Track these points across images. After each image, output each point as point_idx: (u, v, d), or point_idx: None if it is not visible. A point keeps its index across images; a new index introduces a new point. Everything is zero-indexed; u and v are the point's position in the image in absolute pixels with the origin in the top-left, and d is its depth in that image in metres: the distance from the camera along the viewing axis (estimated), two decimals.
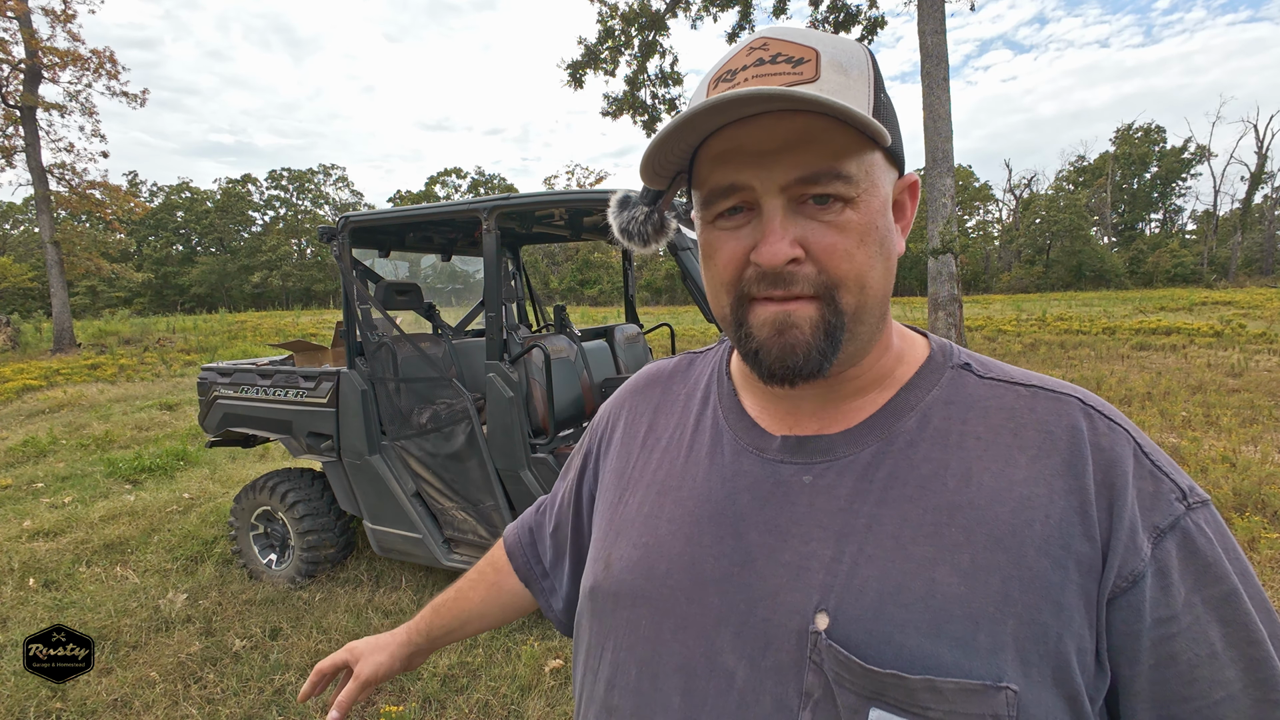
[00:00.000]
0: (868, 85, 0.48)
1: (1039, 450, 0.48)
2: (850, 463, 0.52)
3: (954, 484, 0.48)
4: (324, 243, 3.09)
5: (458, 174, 62.58)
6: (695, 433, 0.62)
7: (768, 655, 0.49)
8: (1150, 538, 0.45)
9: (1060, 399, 0.51)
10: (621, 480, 0.65)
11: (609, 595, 0.59)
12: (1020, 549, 0.45)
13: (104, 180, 17.24)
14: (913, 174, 0.54)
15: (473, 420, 2.84)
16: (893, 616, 0.45)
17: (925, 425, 0.52)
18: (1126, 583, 0.44)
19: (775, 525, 0.52)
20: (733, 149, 0.47)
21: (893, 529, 0.48)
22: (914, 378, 0.55)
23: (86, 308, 39.33)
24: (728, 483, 0.56)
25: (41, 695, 2.40)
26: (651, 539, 0.58)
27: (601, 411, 0.75)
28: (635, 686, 0.55)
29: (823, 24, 12.23)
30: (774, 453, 0.55)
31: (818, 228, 0.47)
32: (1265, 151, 43.37)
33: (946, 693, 0.42)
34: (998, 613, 0.44)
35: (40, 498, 4.91)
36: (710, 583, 0.53)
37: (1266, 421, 5.89)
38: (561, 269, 49.72)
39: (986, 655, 0.43)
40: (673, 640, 0.53)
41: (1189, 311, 17.93)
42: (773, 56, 0.47)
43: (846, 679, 0.45)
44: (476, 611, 0.82)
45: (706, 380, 0.66)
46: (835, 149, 0.46)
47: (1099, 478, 0.46)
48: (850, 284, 0.48)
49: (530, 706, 2.31)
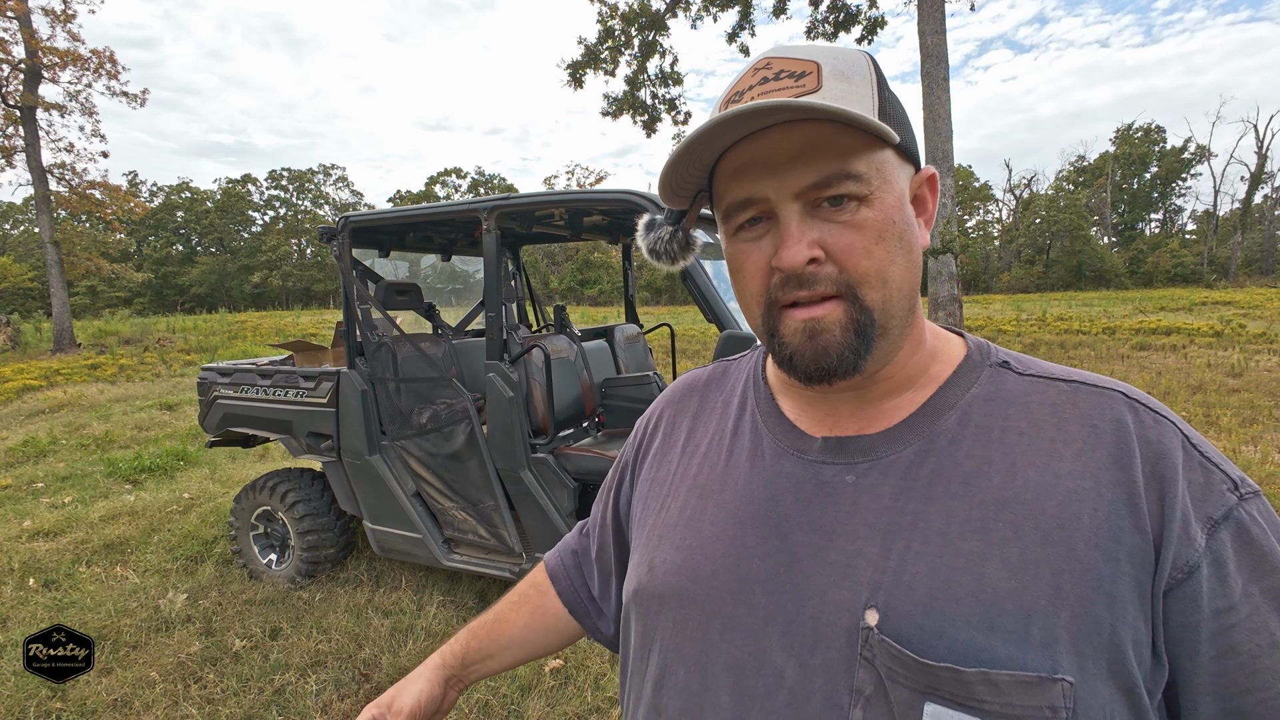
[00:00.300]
0: (871, 89, 0.49)
1: (1084, 444, 0.48)
2: (893, 462, 0.52)
3: (999, 479, 0.48)
4: (324, 243, 3.09)
5: (458, 174, 62.58)
6: (734, 437, 0.63)
7: (816, 653, 0.49)
8: (1204, 529, 0.45)
9: (1104, 393, 0.50)
10: (662, 487, 0.66)
11: (654, 598, 0.59)
12: (1070, 542, 0.45)
13: (104, 180, 17.22)
14: (929, 168, 0.55)
15: (473, 420, 2.84)
16: (944, 611, 0.45)
17: (966, 423, 0.52)
18: (1181, 574, 0.44)
19: (820, 525, 0.53)
20: (746, 162, 0.50)
21: (939, 525, 0.48)
22: (952, 376, 0.55)
23: (86, 308, 39.33)
24: (770, 485, 0.57)
25: (41, 695, 2.40)
26: (695, 541, 0.58)
27: (638, 424, 0.76)
28: (684, 686, 0.55)
29: (822, 24, 12.22)
30: (815, 454, 0.56)
31: (834, 229, 0.49)
32: (1265, 151, 43.40)
33: (1002, 685, 0.42)
34: (1050, 606, 0.44)
35: (40, 498, 4.91)
36: (756, 583, 0.53)
37: (1266, 421, 5.89)
38: (561, 269, 49.73)
39: (1040, 648, 0.43)
40: (720, 640, 0.54)
41: (1189, 311, 17.92)
42: (776, 74, 0.49)
43: (900, 674, 0.45)
44: (519, 637, 0.77)
45: (743, 386, 0.67)
46: (843, 151, 0.47)
47: (1147, 470, 0.46)
48: (872, 280, 0.49)
49: (530, 706, 2.31)
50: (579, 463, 2.75)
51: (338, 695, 2.41)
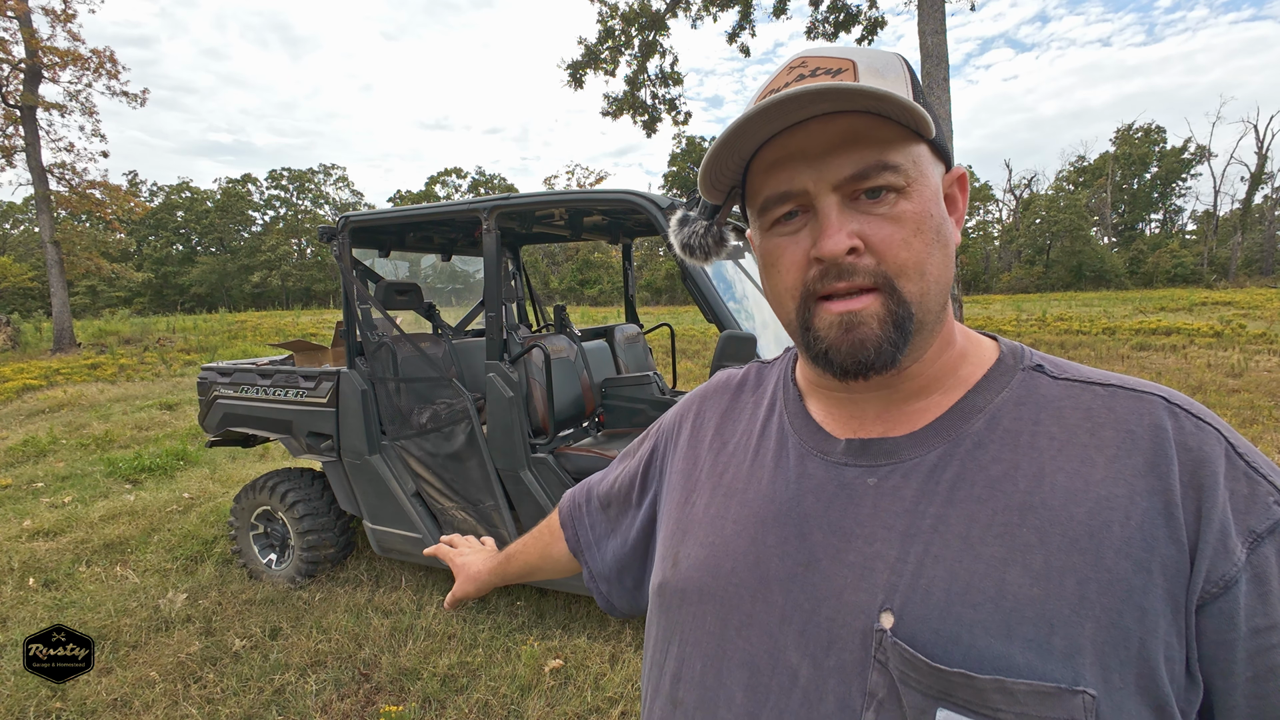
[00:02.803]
0: (906, 86, 0.50)
1: (1119, 450, 0.46)
2: (916, 465, 0.51)
3: (1025, 485, 0.47)
4: (324, 243, 3.09)
5: (458, 174, 62.57)
6: (761, 437, 0.63)
7: (831, 654, 0.49)
8: (1245, 542, 0.43)
9: (1142, 398, 0.49)
10: (688, 482, 0.66)
11: (676, 592, 0.60)
12: (1098, 551, 0.43)
13: (104, 180, 17.20)
14: (960, 167, 0.55)
15: (473, 420, 2.84)
16: (961, 616, 0.44)
17: (994, 427, 0.51)
18: (1217, 588, 0.42)
19: (840, 527, 0.52)
20: (784, 156, 0.50)
21: (960, 529, 0.47)
22: (982, 380, 0.54)
23: (86, 307, 39.32)
24: (792, 485, 0.57)
25: (41, 695, 2.40)
26: (717, 539, 0.59)
27: (670, 414, 0.78)
28: (700, 680, 0.56)
29: (823, 24, 12.23)
30: (838, 456, 0.56)
31: (873, 220, 0.48)
32: (1265, 152, 43.37)
33: (1018, 694, 0.41)
34: (1074, 615, 0.42)
35: (40, 497, 4.91)
36: (775, 582, 0.53)
37: (1266, 422, 5.89)
38: (561, 269, 49.72)
39: (1062, 658, 0.42)
40: (737, 637, 0.54)
41: (1189, 312, 17.92)
42: (812, 71, 0.50)
43: (913, 678, 0.45)
44: (534, 565, 0.90)
45: (773, 388, 0.67)
46: (881, 143, 0.48)
47: (1185, 478, 0.44)
48: (910, 271, 0.48)
49: (530, 706, 2.31)
50: (579, 463, 2.75)
51: (338, 695, 2.41)
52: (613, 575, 0.79)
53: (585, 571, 0.83)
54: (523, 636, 2.75)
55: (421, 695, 2.39)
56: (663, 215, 2.39)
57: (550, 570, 0.89)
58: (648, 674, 0.64)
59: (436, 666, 2.55)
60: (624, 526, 0.77)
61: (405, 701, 2.37)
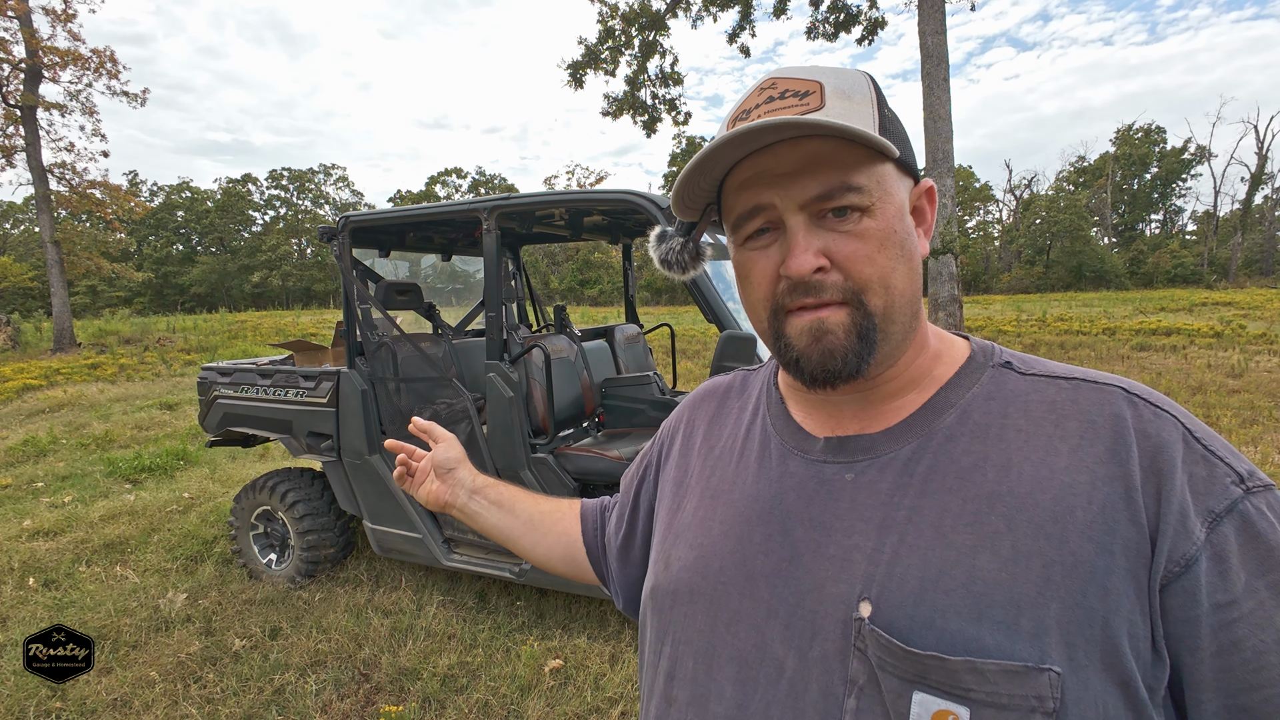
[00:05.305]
0: (871, 106, 0.52)
1: (1081, 439, 0.49)
2: (891, 459, 0.54)
3: (994, 474, 0.49)
4: (324, 242, 3.10)
5: (458, 174, 62.57)
6: (745, 441, 0.66)
7: (815, 645, 0.51)
8: (1204, 522, 0.44)
9: (1103, 389, 0.51)
10: (679, 489, 0.69)
11: (668, 594, 0.63)
12: (1062, 535, 0.45)
13: (104, 180, 17.21)
14: (928, 181, 0.58)
15: (473, 420, 2.84)
16: (934, 602, 0.47)
17: (965, 420, 0.53)
18: (1178, 567, 0.44)
19: (820, 521, 0.55)
20: (754, 175, 0.52)
21: (933, 519, 0.49)
22: (954, 377, 0.57)
23: (86, 307, 39.31)
24: (774, 484, 0.59)
25: (41, 695, 2.40)
26: (706, 540, 0.61)
27: (664, 425, 0.81)
28: (692, 676, 0.58)
29: (823, 24, 12.23)
30: (818, 453, 0.58)
31: (839, 238, 0.51)
32: (1265, 152, 43.34)
33: (988, 674, 0.43)
34: (1040, 597, 0.44)
35: (40, 497, 4.91)
36: (760, 578, 0.56)
37: (1266, 422, 5.89)
38: (561, 269, 49.72)
39: (1029, 638, 0.44)
40: (726, 633, 0.56)
41: (1189, 312, 17.92)
42: (781, 93, 0.52)
43: (889, 663, 0.46)
44: (524, 511, 0.87)
45: (757, 392, 0.70)
46: (845, 165, 0.50)
47: (1145, 463, 0.46)
48: (875, 286, 0.51)
49: (530, 706, 2.31)
50: (579, 463, 2.75)
51: (337, 695, 2.41)
52: (616, 573, 0.82)
53: (596, 572, 0.85)
54: (523, 636, 2.75)
55: (421, 695, 2.39)
56: (663, 215, 2.39)
57: (525, 538, 0.86)
58: (644, 676, 0.66)
59: (436, 666, 2.55)
60: (630, 533, 0.80)
61: (405, 701, 2.37)
